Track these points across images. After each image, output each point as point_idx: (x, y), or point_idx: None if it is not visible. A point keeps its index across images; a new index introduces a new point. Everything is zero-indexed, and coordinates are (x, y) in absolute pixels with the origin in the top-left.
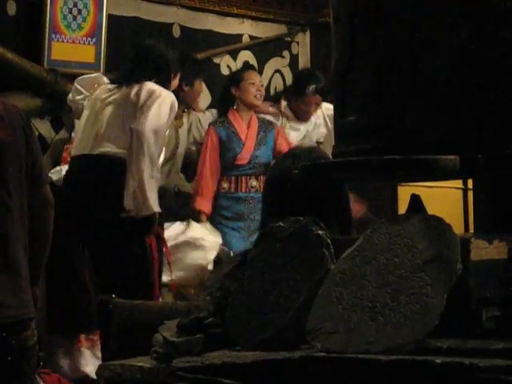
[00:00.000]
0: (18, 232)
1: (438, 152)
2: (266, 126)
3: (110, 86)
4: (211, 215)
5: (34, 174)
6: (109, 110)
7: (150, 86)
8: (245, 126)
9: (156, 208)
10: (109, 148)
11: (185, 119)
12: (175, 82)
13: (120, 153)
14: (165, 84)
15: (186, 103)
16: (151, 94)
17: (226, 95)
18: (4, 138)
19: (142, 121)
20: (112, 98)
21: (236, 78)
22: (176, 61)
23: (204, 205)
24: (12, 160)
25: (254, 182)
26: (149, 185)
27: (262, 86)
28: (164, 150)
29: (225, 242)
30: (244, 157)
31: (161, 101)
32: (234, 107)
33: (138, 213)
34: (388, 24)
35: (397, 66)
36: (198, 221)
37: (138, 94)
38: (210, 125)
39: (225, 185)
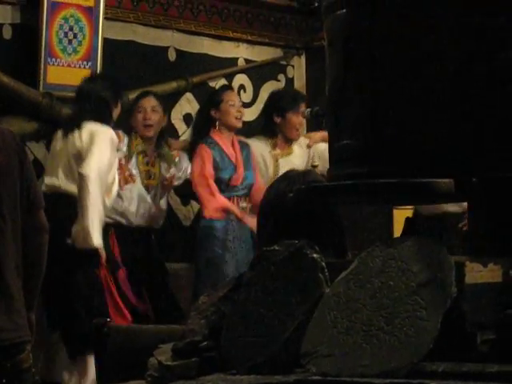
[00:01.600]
0: (11, 256)
1: (433, 175)
2: (245, 147)
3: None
4: (203, 239)
5: (29, 199)
6: (61, 159)
7: (90, 127)
8: (230, 147)
9: (96, 242)
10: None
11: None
12: (117, 111)
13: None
14: (106, 121)
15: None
16: (92, 135)
17: (205, 117)
18: (0, 163)
19: (87, 164)
20: (63, 147)
21: (215, 99)
22: (114, 91)
23: (219, 202)
24: (6, 184)
25: (244, 203)
26: (92, 222)
27: (242, 106)
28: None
29: (219, 264)
30: (237, 178)
31: (100, 140)
32: (216, 129)
33: (81, 245)
34: (382, 47)
35: (391, 89)
36: None
37: (80, 138)
38: (196, 144)
39: None
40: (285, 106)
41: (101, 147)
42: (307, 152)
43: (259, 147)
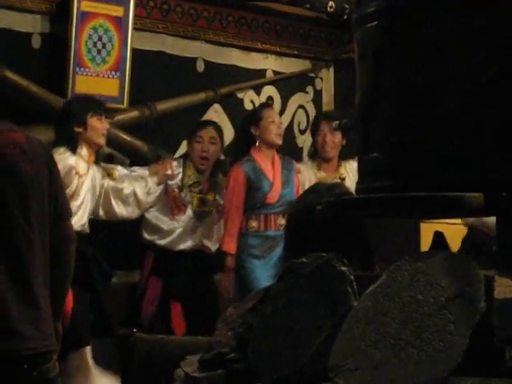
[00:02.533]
0: (39, 265)
1: (462, 189)
2: (287, 164)
3: None
4: (239, 254)
5: (56, 209)
6: None
7: None
8: (269, 164)
9: None
10: None
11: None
12: (95, 124)
13: None
14: (71, 144)
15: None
16: None
17: (246, 134)
18: (27, 171)
19: None
20: None
21: (255, 117)
22: (82, 107)
23: (230, 244)
24: (35, 193)
25: (282, 221)
26: None
27: (281, 123)
28: None
29: (254, 280)
30: (273, 195)
31: None
32: (256, 146)
33: None
34: (413, 61)
35: (420, 104)
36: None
37: None
38: (234, 163)
39: (253, 223)
40: (313, 128)
41: None
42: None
43: (307, 171)
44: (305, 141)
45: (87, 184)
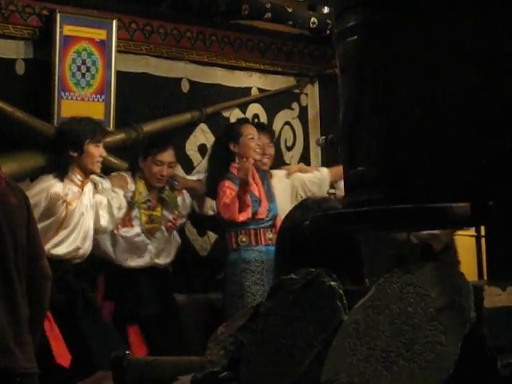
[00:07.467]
0: (22, 293)
1: (449, 200)
2: (264, 177)
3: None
4: (233, 270)
5: (33, 248)
6: None
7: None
8: (251, 181)
9: None
10: None
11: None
12: (91, 150)
13: None
14: (64, 168)
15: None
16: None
17: (223, 151)
18: (14, 204)
19: None
20: None
21: (234, 133)
22: (80, 132)
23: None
24: (19, 226)
25: (270, 235)
26: None
27: (260, 138)
28: None
29: (246, 296)
30: (262, 211)
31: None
32: (236, 163)
33: None
34: (396, 74)
35: (405, 115)
36: None
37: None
38: (216, 180)
39: (244, 238)
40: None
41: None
42: (289, 183)
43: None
44: (292, 157)
45: (80, 209)
